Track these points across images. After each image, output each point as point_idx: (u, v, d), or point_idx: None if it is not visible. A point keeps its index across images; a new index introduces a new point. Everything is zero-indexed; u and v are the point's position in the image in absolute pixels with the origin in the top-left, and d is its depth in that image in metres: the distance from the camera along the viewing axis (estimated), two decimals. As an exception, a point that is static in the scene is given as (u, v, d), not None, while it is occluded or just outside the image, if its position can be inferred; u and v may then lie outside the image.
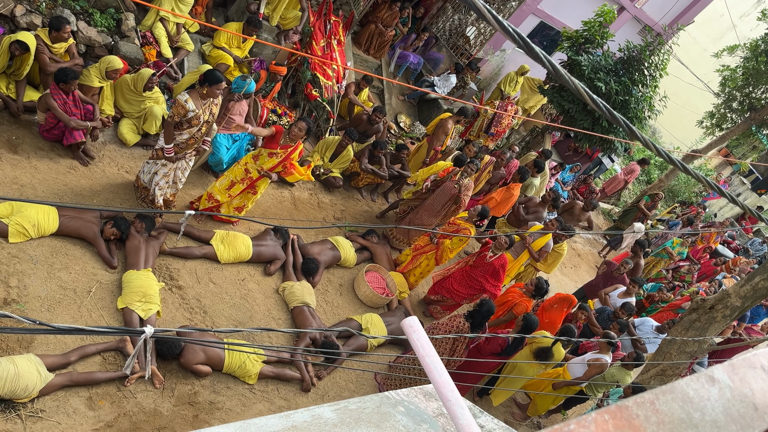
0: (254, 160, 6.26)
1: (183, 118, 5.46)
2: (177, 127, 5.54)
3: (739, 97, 14.72)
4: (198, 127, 5.61)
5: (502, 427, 2.31)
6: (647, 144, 2.00)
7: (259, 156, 6.24)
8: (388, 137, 10.40)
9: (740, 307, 6.16)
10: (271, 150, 6.17)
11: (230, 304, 6.00)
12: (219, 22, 8.47)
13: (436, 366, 1.57)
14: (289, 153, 6.25)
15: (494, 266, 7.22)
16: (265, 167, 6.23)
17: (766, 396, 1.35)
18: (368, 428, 1.75)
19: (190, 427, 4.83)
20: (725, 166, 23.17)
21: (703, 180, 2.26)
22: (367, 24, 11.10)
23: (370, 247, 7.80)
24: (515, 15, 12.60)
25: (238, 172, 6.33)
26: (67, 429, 4.21)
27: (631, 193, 17.14)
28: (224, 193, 6.38)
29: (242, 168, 6.32)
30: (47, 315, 4.74)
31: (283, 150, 6.20)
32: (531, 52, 1.56)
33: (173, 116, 5.42)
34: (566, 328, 6.71)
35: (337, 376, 6.17)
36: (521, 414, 7.36)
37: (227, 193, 6.38)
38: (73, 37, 6.31)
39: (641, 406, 1.05)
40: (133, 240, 5.54)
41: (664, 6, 14.79)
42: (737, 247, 17.59)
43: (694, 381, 1.21)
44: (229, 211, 6.59)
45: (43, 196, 5.56)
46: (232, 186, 6.36)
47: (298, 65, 8.88)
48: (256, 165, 6.24)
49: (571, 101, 10.19)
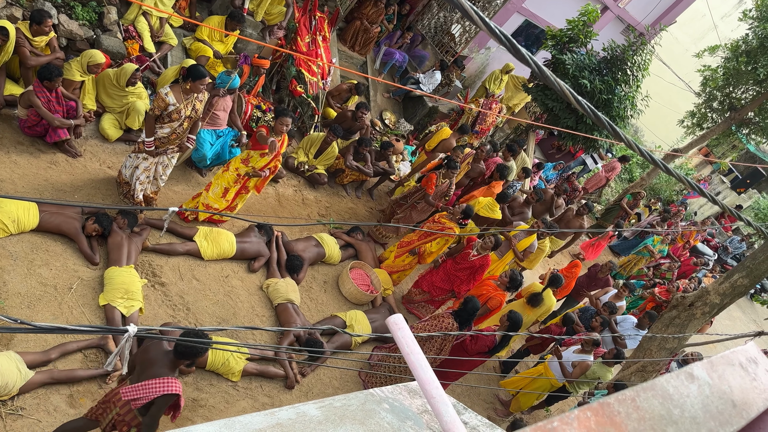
0: (245, 163, 6.23)
1: (164, 112, 5.44)
2: (158, 120, 5.53)
3: (720, 97, 14.91)
4: (179, 122, 5.57)
5: (486, 424, 2.33)
6: (630, 144, 2.03)
7: (249, 159, 6.21)
8: (373, 134, 10.40)
9: (719, 304, 6.26)
10: (261, 151, 6.15)
11: (214, 301, 5.97)
12: (203, 17, 8.40)
13: (420, 363, 1.58)
14: (278, 149, 6.24)
15: (475, 265, 7.25)
16: (258, 166, 6.22)
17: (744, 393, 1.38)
18: (353, 425, 1.75)
19: (172, 425, 4.80)
20: (705, 165, 23.47)
21: (684, 180, 2.29)
22: (352, 20, 11.07)
23: (354, 244, 7.80)
24: (500, 13, 12.65)
25: (230, 177, 6.31)
26: (47, 427, 4.16)
27: (614, 191, 17.30)
28: (221, 200, 6.38)
29: (233, 174, 6.29)
30: (27, 312, 4.68)
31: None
32: (517, 54, 1.57)
33: (154, 109, 5.43)
34: (567, 318, 7.59)
35: (321, 374, 6.16)
36: (504, 410, 7.42)
37: (223, 200, 6.39)
38: (54, 30, 6.22)
39: (622, 403, 1.07)
40: (116, 236, 5.49)
41: (646, 6, 14.94)
42: (717, 245, 17.87)
43: (674, 378, 1.23)
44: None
45: (23, 191, 5.48)
46: (227, 192, 6.35)
47: (283, 61, 8.84)
48: (248, 167, 6.23)
49: (555, 100, 10.25)
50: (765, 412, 1.43)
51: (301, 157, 8.47)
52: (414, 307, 7.83)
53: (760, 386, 1.45)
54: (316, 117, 8.97)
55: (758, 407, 1.39)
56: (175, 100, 5.43)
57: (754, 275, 6.10)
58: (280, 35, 8.98)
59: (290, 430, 1.64)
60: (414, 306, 7.82)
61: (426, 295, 7.70)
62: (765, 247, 6.08)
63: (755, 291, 17.65)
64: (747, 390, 1.39)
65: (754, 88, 14.25)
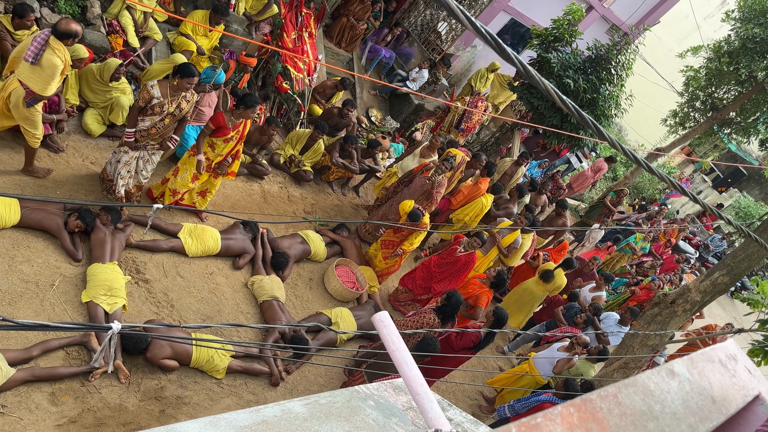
0: (212, 149, 6.15)
1: (147, 104, 5.45)
2: (141, 112, 5.52)
3: (702, 97, 15.11)
4: (161, 117, 5.53)
5: (470, 420, 2.34)
6: (614, 144, 2.05)
7: (215, 144, 6.12)
8: (359, 131, 10.39)
9: (700, 301, 6.35)
10: (225, 137, 6.06)
11: (198, 298, 5.94)
12: (189, 11, 8.33)
13: (405, 360, 1.59)
14: (243, 131, 6.15)
15: (461, 262, 7.27)
16: (224, 153, 6.15)
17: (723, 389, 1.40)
18: (338, 422, 1.76)
19: (156, 423, 4.78)
20: (688, 164, 23.76)
21: (666, 179, 2.32)
22: (338, 17, 11.05)
23: (340, 242, 7.79)
24: (486, 12, 12.69)
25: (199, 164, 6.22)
26: (29, 425, 4.12)
27: (597, 189, 17.46)
28: (189, 185, 6.29)
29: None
30: (8, 309, 4.62)
31: (235, 131, 6.10)
32: (502, 52, 1.58)
33: (138, 100, 5.44)
34: (573, 294, 8.51)
35: (306, 371, 6.16)
36: (489, 407, 7.46)
37: (192, 185, 6.31)
38: (36, 24, 6.14)
39: (605, 399, 1.09)
40: (99, 232, 5.43)
41: (631, 6, 15.07)
42: (698, 243, 18.10)
43: (655, 374, 1.25)
44: (193, 197, 6.50)
45: (4, 187, 5.41)
46: (196, 178, 6.28)
47: (269, 57, 8.79)
48: (214, 154, 6.15)
49: (541, 98, 10.31)
50: (744, 408, 1.46)
51: (288, 151, 8.44)
52: (400, 305, 7.84)
53: (739, 383, 1.48)
54: (302, 114, 8.94)
55: (737, 403, 1.41)
56: (160, 94, 5.42)
57: (735, 273, 6.19)
58: (266, 31, 8.94)
59: (275, 427, 1.64)
60: (400, 304, 7.84)
61: (410, 294, 7.72)
62: (745, 245, 6.17)
63: (735, 289, 17.93)
64: (726, 386, 1.42)
65: (735, 88, 14.46)
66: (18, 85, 4.88)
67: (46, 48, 4.75)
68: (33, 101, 4.97)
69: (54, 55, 4.78)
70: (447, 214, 8.96)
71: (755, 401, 1.49)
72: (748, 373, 1.54)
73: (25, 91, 4.88)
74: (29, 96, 4.91)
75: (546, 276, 8.13)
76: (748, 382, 1.50)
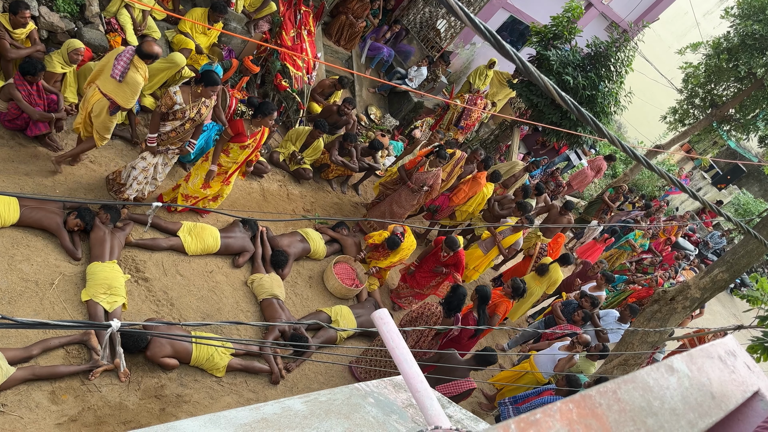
0: (226, 154, 6.19)
1: (169, 110, 5.51)
2: (162, 118, 5.59)
3: (702, 94, 15.09)
4: (182, 122, 5.60)
5: (470, 417, 2.35)
6: (614, 141, 2.05)
7: (230, 151, 6.17)
8: (358, 129, 10.39)
9: (699, 298, 6.34)
10: (241, 144, 6.12)
11: (198, 296, 5.94)
12: (187, 9, 8.31)
13: (405, 358, 1.59)
14: (260, 139, 6.23)
15: (448, 264, 7.32)
16: (239, 160, 6.20)
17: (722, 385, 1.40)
18: (338, 420, 1.76)
19: (156, 421, 4.78)
20: (687, 161, 23.75)
21: (666, 176, 2.32)
22: (337, 15, 11.03)
23: (339, 239, 7.79)
24: (485, 9, 12.67)
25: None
26: (29, 423, 4.12)
27: (596, 186, 17.46)
28: (201, 191, 6.34)
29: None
30: (8, 308, 4.62)
31: (252, 138, 6.16)
32: (501, 50, 1.58)
33: (161, 106, 5.52)
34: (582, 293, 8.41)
35: (306, 369, 6.16)
36: (488, 404, 7.47)
37: (205, 193, 6.35)
38: (34, 22, 6.13)
39: (604, 395, 1.09)
40: (98, 231, 5.43)
41: (630, 3, 15.06)
42: (697, 240, 18.10)
43: (654, 371, 1.25)
44: (205, 203, 6.52)
45: (4, 186, 5.40)
46: (207, 186, 6.32)
47: (268, 55, 8.78)
48: (229, 159, 6.19)
49: (540, 95, 10.31)
50: (743, 404, 1.46)
51: (290, 148, 8.43)
52: (402, 302, 7.86)
53: (739, 379, 1.48)
54: (301, 112, 8.93)
55: (736, 399, 1.41)
56: (183, 101, 5.51)
57: (734, 270, 6.18)
58: (265, 29, 8.92)
59: (276, 424, 1.64)
60: (402, 300, 7.85)
61: (411, 290, 7.73)
62: (745, 242, 6.17)
63: (735, 286, 17.94)
64: (725, 382, 1.42)
65: (735, 85, 14.45)
66: (101, 97, 5.38)
67: (130, 67, 5.29)
68: (115, 110, 5.55)
69: (137, 73, 5.36)
70: (447, 211, 8.97)
71: (754, 397, 1.49)
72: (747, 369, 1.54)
73: (109, 102, 5.41)
74: (113, 106, 5.46)
75: (540, 270, 8.29)
76: (747, 378, 1.51)
